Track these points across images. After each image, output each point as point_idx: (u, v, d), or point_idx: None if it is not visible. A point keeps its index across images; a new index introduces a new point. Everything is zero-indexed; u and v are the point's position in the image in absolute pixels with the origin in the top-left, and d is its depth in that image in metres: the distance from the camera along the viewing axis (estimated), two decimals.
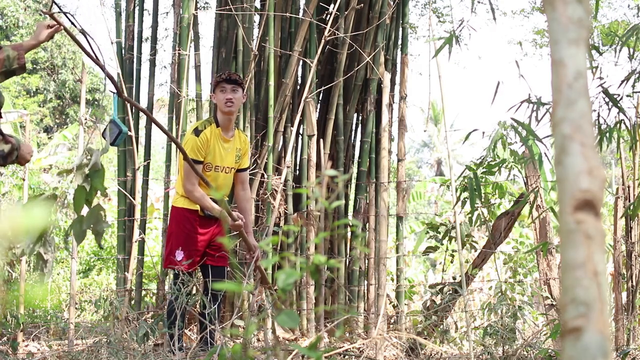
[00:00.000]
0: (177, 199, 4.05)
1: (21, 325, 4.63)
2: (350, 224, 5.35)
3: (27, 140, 5.21)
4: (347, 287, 5.32)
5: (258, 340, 4.88)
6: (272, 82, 5.10)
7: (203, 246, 4.04)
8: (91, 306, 6.50)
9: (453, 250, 5.16)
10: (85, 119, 4.85)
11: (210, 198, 3.92)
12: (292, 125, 5.31)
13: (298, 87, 5.58)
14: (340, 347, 4.22)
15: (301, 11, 5.51)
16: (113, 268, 8.42)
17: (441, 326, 4.72)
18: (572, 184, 0.67)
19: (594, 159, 0.67)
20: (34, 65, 18.54)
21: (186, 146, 3.89)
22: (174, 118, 5.25)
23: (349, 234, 5.79)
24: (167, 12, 8.59)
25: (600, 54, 3.37)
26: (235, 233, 4.09)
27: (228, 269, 4.29)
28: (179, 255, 3.91)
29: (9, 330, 4.72)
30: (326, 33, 5.00)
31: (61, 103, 19.01)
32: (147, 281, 7.04)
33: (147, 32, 6.02)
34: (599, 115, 3.32)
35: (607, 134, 3.28)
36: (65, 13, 2.16)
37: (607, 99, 3.27)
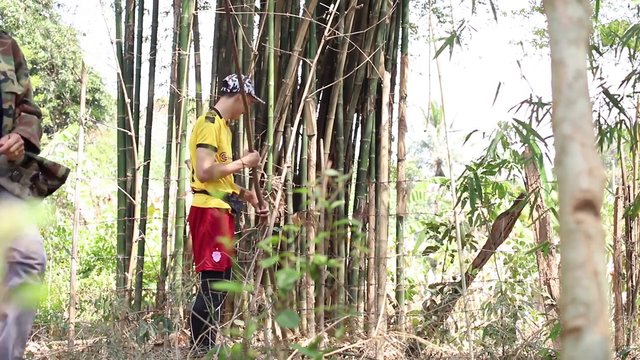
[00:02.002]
0: (208, 200, 3.86)
1: None
2: (350, 224, 5.35)
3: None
4: (347, 287, 5.32)
5: (258, 340, 4.88)
6: (272, 82, 5.10)
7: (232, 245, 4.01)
8: (91, 306, 6.50)
9: (453, 250, 5.16)
10: (85, 119, 4.85)
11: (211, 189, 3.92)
12: (292, 125, 5.31)
13: (298, 87, 5.58)
14: (340, 347, 4.22)
15: (301, 11, 5.51)
16: (113, 268, 8.42)
17: (441, 326, 4.72)
18: (572, 184, 0.67)
19: (594, 159, 0.67)
20: (34, 65, 18.54)
21: (204, 132, 3.85)
22: (174, 118, 5.25)
23: (349, 234, 5.79)
24: (167, 12, 8.59)
25: (601, 54, 3.37)
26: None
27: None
28: (217, 256, 3.85)
29: None
30: (326, 33, 5.00)
31: (61, 103, 19.02)
32: (147, 281, 7.04)
33: (147, 32, 6.02)
34: (599, 116, 3.32)
35: (608, 134, 3.28)
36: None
37: (607, 99, 3.27)
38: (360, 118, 5.80)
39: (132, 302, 5.13)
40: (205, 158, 3.81)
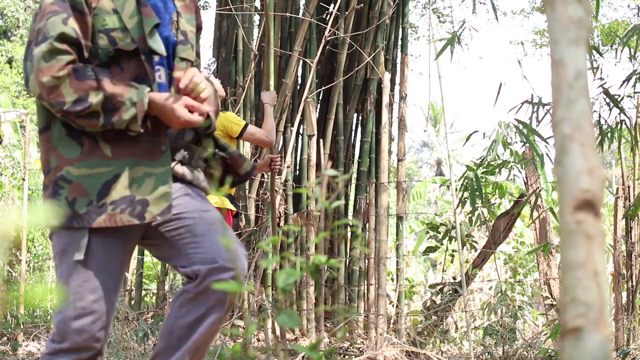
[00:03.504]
0: (222, 201, 3.89)
1: (21, 325, 4.63)
2: (350, 224, 5.35)
3: (27, 140, 5.20)
4: (347, 287, 5.32)
5: (258, 340, 4.88)
6: (272, 82, 5.09)
7: None
8: None
9: (453, 250, 5.16)
10: None
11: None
12: (292, 125, 5.31)
13: (298, 87, 5.58)
14: (340, 347, 4.22)
15: (301, 11, 5.51)
16: None
17: (441, 326, 4.72)
18: (572, 184, 0.67)
19: (594, 159, 0.67)
20: None
21: (235, 120, 3.98)
22: None
23: (349, 234, 5.79)
24: None
25: (601, 54, 3.37)
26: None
27: None
28: None
29: (9, 330, 4.72)
30: (326, 33, 5.00)
31: None
32: (147, 281, 7.04)
33: None
34: (599, 116, 3.32)
35: (608, 134, 3.28)
36: None
37: (607, 99, 3.27)
38: (360, 118, 5.80)
39: (132, 302, 5.13)
40: (256, 130, 3.98)
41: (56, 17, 1.68)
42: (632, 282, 4.59)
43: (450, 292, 4.79)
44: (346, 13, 5.34)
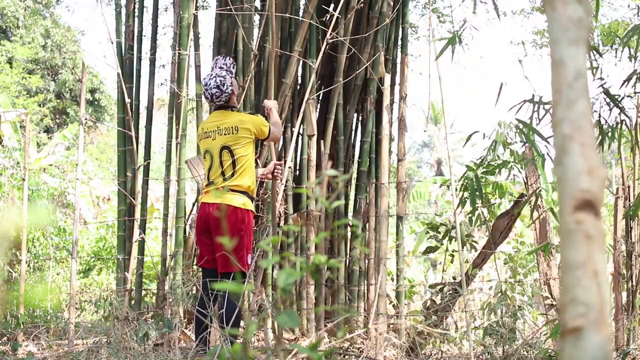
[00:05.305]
0: (248, 202, 3.94)
1: (21, 325, 4.63)
2: (350, 224, 5.35)
3: (27, 140, 5.20)
4: (347, 287, 5.32)
5: (258, 340, 4.88)
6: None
7: None
8: (91, 306, 6.50)
9: (453, 250, 5.16)
10: (85, 119, 4.85)
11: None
12: (293, 126, 5.31)
13: (298, 87, 5.58)
14: (340, 347, 4.22)
15: (301, 11, 5.50)
16: (113, 268, 8.42)
17: (441, 326, 4.72)
18: (572, 184, 0.67)
19: (594, 159, 0.67)
20: (34, 65, 18.53)
21: (264, 123, 4.06)
22: (174, 118, 5.24)
23: (349, 234, 5.79)
24: (166, 9, 8.60)
25: (601, 54, 3.37)
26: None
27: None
28: (250, 258, 3.95)
29: (9, 330, 4.72)
30: (328, 36, 4.98)
31: (61, 103, 19.02)
32: (147, 281, 7.04)
33: (146, 31, 6.02)
34: (599, 116, 3.32)
35: (608, 134, 3.28)
36: None
37: (607, 99, 3.27)
38: (360, 118, 5.79)
39: (132, 302, 5.13)
40: (273, 130, 4.11)
41: None
42: (632, 282, 4.59)
43: (450, 292, 4.79)
44: (349, 16, 5.33)
